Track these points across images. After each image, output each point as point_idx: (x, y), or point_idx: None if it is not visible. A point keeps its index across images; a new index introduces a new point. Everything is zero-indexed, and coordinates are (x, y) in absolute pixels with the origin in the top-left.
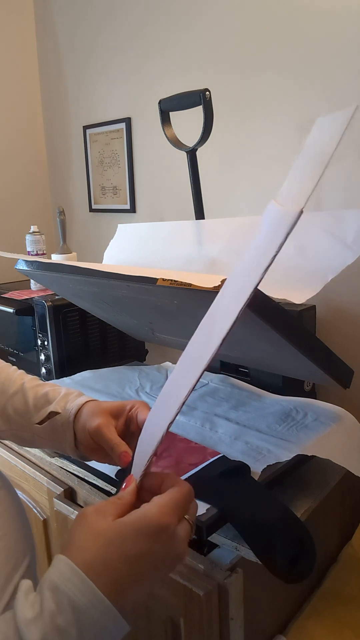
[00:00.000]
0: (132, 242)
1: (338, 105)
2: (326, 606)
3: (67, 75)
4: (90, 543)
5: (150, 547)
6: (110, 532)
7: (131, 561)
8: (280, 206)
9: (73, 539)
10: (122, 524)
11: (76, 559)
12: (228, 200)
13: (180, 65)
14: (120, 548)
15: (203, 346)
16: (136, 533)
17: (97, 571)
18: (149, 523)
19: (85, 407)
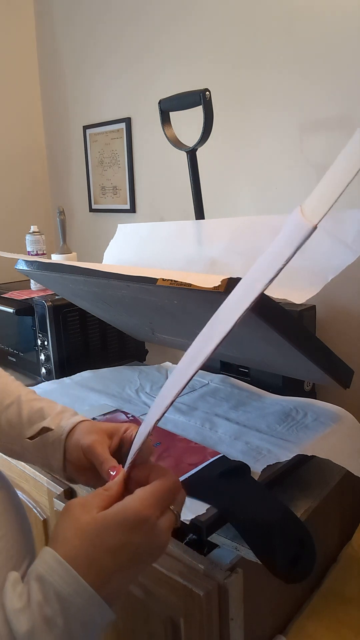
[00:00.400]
0: (132, 242)
1: (339, 104)
2: (326, 606)
3: (67, 75)
4: (73, 536)
5: (130, 538)
6: (92, 526)
7: (113, 552)
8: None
9: (58, 531)
10: (104, 517)
11: (61, 551)
12: (228, 200)
13: (180, 65)
14: (102, 540)
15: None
16: (116, 525)
17: (81, 562)
18: (129, 515)
19: (80, 426)
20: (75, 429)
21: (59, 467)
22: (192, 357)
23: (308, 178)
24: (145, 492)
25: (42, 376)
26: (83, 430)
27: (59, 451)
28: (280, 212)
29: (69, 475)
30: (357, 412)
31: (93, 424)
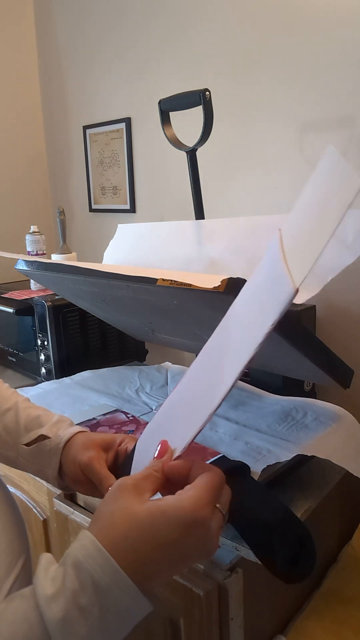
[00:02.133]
0: (132, 242)
1: (339, 104)
2: (326, 606)
3: (67, 75)
4: (122, 524)
5: (183, 538)
6: (144, 517)
7: (162, 548)
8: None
9: (104, 513)
10: (159, 511)
11: (104, 537)
12: (228, 200)
13: (180, 65)
14: (152, 535)
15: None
16: (170, 523)
17: (125, 553)
18: (184, 514)
19: (77, 438)
20: (71, 441)
21: (54, 475)
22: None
23: (307, 178)
24: (199, 491)
25: (42, 376)
26: (79, 445)
27: (55, 460)
28: (280, 212)
29: (64, 484)
30: (357, 412)
31: (88, 437)
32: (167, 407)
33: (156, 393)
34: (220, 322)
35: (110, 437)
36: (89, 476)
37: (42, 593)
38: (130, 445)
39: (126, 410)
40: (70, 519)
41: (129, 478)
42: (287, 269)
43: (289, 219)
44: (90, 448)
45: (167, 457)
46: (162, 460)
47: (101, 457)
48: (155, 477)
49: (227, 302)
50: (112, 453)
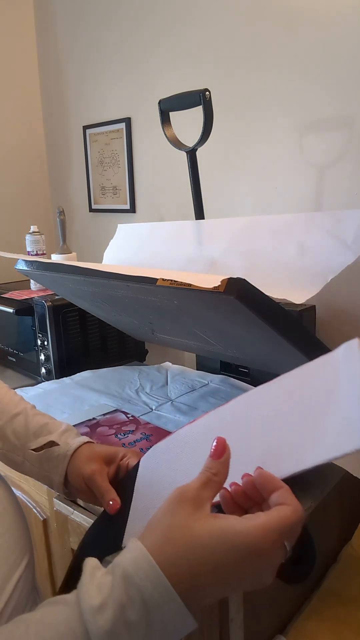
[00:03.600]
0: (132, 242)
1: (339, 105)
2: (326, 606)
3: (67, 75)
4: (180, 541)
5: (241, 566)
6: (206, 539)
7: (219, 573)
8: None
9: (162, 526)
10: (221, 534)
11: (159, 554)
12: (228, 200)
13: (180, 65)
14: (211, 559)
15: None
16: (232, 550)
17: (180, 573)
18: (249, 544)
19: (82, 450)
20: (77, 452)
21: (59, 482)
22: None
23: (308, 178)
24: (270, 523)
25: (42, 376)
26: (83, 457)
27: (62, 467)
28: (280, 212)
29: (67, 491)
30: None
31: (92, 449)
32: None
33: (156, 393)
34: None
35: (113, 451)
36: (91, 488)
37: (88, 603)
38: (132, 461)
39: (126, 410)
40: (70, 519)
41: (189, 488)
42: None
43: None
44: (93, 461)
45: (226, 457)
46: (221, 462)
47: (103, 471)
48: (214, 483)
49: (227, 302)
50: (114, 466)
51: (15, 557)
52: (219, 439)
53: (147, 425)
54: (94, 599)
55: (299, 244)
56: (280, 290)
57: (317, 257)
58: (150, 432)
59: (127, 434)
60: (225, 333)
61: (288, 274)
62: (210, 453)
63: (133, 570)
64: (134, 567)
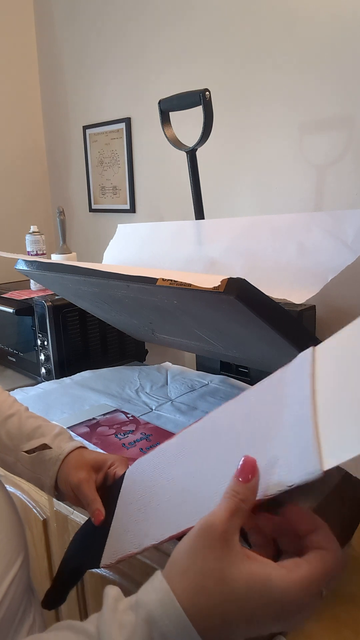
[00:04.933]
0: (132, 242)
1: (339, 104)
2: (326, 606)
3: (66, 75)
4: (213, 591)
5: (279, 619)
6: (242, 590)
7: (252, 622)
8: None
9: (191, 570)
10: (261, 584)
11: (190, 604)
12: (228, 200)
13: (180, 65)
14: (247, 608)
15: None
16: (272, 602)
17: (211, 624)
18: (291, 599)
19: (71, 456)
20: (66, 458)
21: (50, 485)
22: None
23: (308, 178)
24: (313, 576)
25: (42, 376)
26: (71, 465)
27: (54, 470)
28: (280, 212)
29: (56, 493)
30: None
31: (81, 456)
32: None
33: (156, 393)
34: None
35: (101, 458)
36: (78, 496)
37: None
38: (119, 470)
39: (126, 410)
40: (70, 519)
41: (216, 521)
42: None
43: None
44: (81, 469)
45: (256, 481)
46: (249, 487)
47: (91, 479)
48: (242, 511)
49: (227, 302)
50: (102, 474)
51: (10, 557)
52: (248, 458)
53: (147, 425)
54: (116, 636)
55: (299, 244)
56: (280, 290)
57: (317, 257)
58: (150, 432)
59: (127, 434)
60: (225, 333)
61: (288, 274)
62: (236, 473)
63: (158, 615)
64: (160, 611)
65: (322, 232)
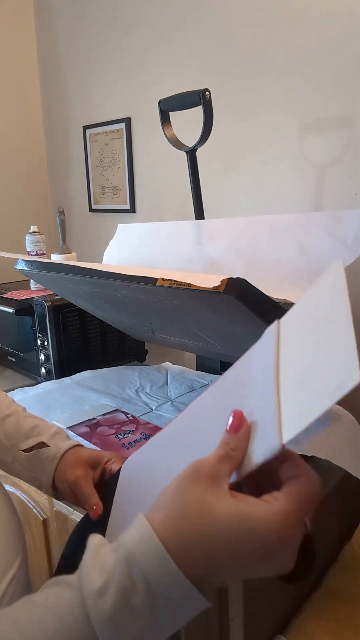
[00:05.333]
0: (132, 242)
1: (339, 105)
2: (326, 606)
3: (67, 75)
4: (194, 519)
5: (261, 554)
6: (223, 520)
7: (235, 558)
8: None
9: (175, 500)
10: (239, 517)
11: (170, 532)
12: (228, 200)
13: (180, 65)
14: (227, 542)
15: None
16: (251, 535)
17: (191, 555)
18: (271, 531)
19: (68, 454)
20: (63, 457)
21: (48, 483)
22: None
23: (307, 178)
24: (291, 506)
25: (42, 376)
26: (68, 462)
27: (51, 469)
28: (280, 212)
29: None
30: (357, 412)
31: (77, 454)
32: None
33: (156, 393)
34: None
35: (98, 455)
36: (76, 493)
37: (89, 586)
38: (115, 465)
39: (126, 410)
40: (70, 519)
41: (205, 462)
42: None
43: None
44: (78, 466)
45: (244, 431)
46: (239, 437)
47: (88, 475)
48: (232, 459)
49: (227, 302)
50: (99, 471)
51: (8, 558)
52: (236, 412)
53: (147, 425)
54: (95, 581)
55: (299, 244)
56: (280, 290)
57: (317, 257)
58: (150, 432)
59: (127, 434)
60: (225, 333)
61: (288, 274)
62: (227, 428)
63: (137, 551)
64: (138, 547)
65: (322, 232)
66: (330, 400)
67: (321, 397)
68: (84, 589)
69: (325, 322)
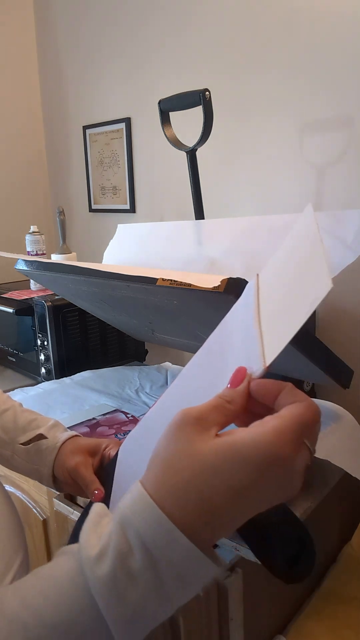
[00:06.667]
0: (132, 242)
1: (338, 105)
2: (326, 606)
3: (67, 75)
4: (182, 467)
5: (260, 481)
6: (211, 458)
7: (233, 495)
8: (256, 306)
9: (162, 454)
10: (228, 449)
11: (160, 487)
12: (228, 200)
13: (180, 65)
14: (221, 477)
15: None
16: (244, 463)
17: (186, 505)
18: (264, 452)
19: (67, 444)
20: (62, 446)
21: (48, 474)
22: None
23: (307, 178)
24: (283, 424)
25: (42, 376)
26: (67, 451)
27: (50, 459)
28: (280, 212)
29: (56, 484)
30: (357, 412)
31: (77, 442)
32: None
33: (156, 393)
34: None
35: (95, 442)
36: (76, 480)
37: (86, 552)
38: (113, 450)
39: (126, 410)
40: (70, 519)
41: (193, 409)
42: (261, 344)
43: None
44: (77, 453)
45: (244, 386)
46: (237, 390)
47: (87, 462)
48: (226, 409)
49: (227, 302)
50: (98, 458)
51: (10, 557)
52: (239, 368)
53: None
54: (93, 548)
55: None
56: None
57: None
58: None
59: (127, 434)
60: None
61: None
62: (229, 383)
63: (131, 513)
64: (132, 509)
65: (322, 232)
66: (309, 310)
67: (300, 311)
68: (82, 556)
69: (298, 257)
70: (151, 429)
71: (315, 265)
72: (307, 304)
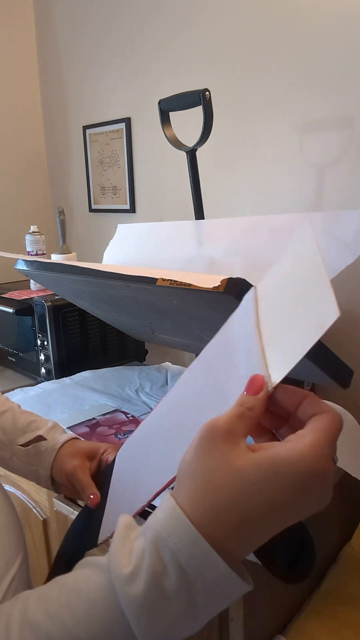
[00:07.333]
0: (132, 242)
1: (338, 105)
2: (326, 606)
3: (67, 75)
4: (224, 484)
5: (301, 497)
6: (254, 474)
7: (275, 509)
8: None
9: (195, 472)
10: (270, 465)
11: (196, 508)
12: (228, 200)
13: (180, 65)
14: (265, 495)
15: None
16: (287, 480)
17: (227, 524)
18: (304, 468)
19: (65, 446)
20: (60, 449)
21: (47, 475)
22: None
23: (308, 178)
24: (319, 438)
25: (42, 376)
26: (65, 454)
27: (49, 461)
28: (280, 212)
29: (54, 486)
30: (357, 412)
31: (75, 446)
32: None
33: (156, 393)
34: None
35: (94, 446)
36: (73, 483)
37: (117, 571)
38: (111, 455)
39: (126, 410)
40: (70, 519)
41: (220, 422)
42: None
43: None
44: (75, 457)
45: (264, 394)
46: (258, 398)
47: (85, 466)
48: (249, 418)
49: (227, 302)
50: (96, 462)
51: (9, 556)
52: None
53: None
54: (125, 566)
55: None
56: None
57: None
58: None
59: (127, 434)
60: None
61: None
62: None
63: (165, 532)
64: (166, 528)
65: (322, 232)
66: (314, 336)
67: (306, 336)
68: (113, 574)
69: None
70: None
71: (320, 289)
72: (314, 328)
